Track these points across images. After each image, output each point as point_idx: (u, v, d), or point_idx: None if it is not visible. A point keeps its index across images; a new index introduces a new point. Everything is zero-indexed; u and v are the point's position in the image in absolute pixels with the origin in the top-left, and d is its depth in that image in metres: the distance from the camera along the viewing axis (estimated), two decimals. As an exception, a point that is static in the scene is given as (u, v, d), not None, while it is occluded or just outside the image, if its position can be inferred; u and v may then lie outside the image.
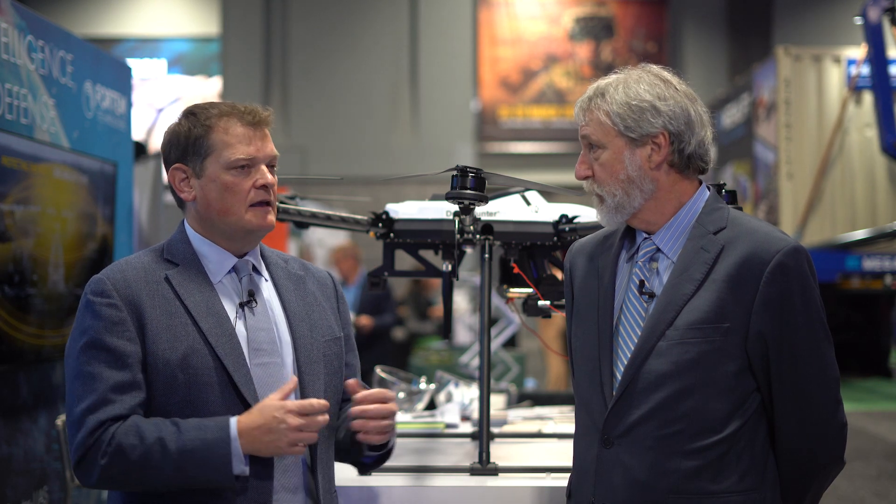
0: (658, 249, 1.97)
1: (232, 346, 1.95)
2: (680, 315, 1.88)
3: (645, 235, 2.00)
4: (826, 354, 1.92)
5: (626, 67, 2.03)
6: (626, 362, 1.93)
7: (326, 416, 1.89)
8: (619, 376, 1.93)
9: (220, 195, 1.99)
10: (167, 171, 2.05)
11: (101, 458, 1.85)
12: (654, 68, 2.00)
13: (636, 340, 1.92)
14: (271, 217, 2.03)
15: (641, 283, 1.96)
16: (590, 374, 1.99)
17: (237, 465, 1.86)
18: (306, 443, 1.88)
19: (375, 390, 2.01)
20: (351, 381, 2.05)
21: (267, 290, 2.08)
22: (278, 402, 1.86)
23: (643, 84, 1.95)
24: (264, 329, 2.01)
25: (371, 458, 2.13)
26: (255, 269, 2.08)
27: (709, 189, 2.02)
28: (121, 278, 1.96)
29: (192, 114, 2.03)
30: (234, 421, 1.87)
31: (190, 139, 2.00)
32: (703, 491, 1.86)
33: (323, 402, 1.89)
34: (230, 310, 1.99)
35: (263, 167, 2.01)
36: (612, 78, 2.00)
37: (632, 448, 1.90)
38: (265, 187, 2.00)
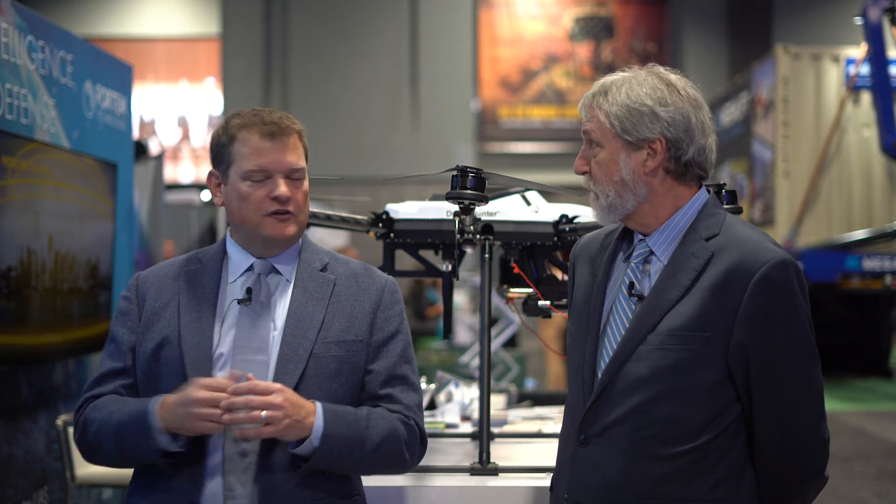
0: (651, 252, 1.96)
1: (201, 341, 1.98)
2: (663, 320, 1.87)
3: (640, 237, 1.99)
4: (809, 371, 1.89)
5: (635, 67, 2.00)
6: (607, 363, 1.93)
7: (237, 399, 1.85)
8: (599, 376, 1.93)
9: (238, 204, 2.04)
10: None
11: (76, 434, 2.04)
12: (661, 71, 1.97)
13: (619, 342, 1.92)
14: (290, 228, 2.03)
15: (631, 284, 1.95)
16: (575, 372, 2.00)
17: (161, 438, 1.90)
18: (214, 420, 1.86)
19: (245, 383, 1.89)
20: (234, 372, 1.93)
21: (280, 290, 2.08)
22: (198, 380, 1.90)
23: (646, 87, 1.93)
24: (259, 327, 2.02)
25: (298, 454, 1.98)
26: (276, 270, 2.08)
27: (709, 191, 2.00)
28: (146, 273, 2.12)
29: (226, 120, 2.10)
30: (161, 396, 1.94)
31: (218, 146, 2.08)
32: (673, 497, 1.85)
33: (248, 384, 1.87)
34: (226, 307, 2.02)
35: (280, 179, 2.02)
36: (618, 76, 1.98)
37: (606, 448, 1.90)
38: (278, 199, 2.01)
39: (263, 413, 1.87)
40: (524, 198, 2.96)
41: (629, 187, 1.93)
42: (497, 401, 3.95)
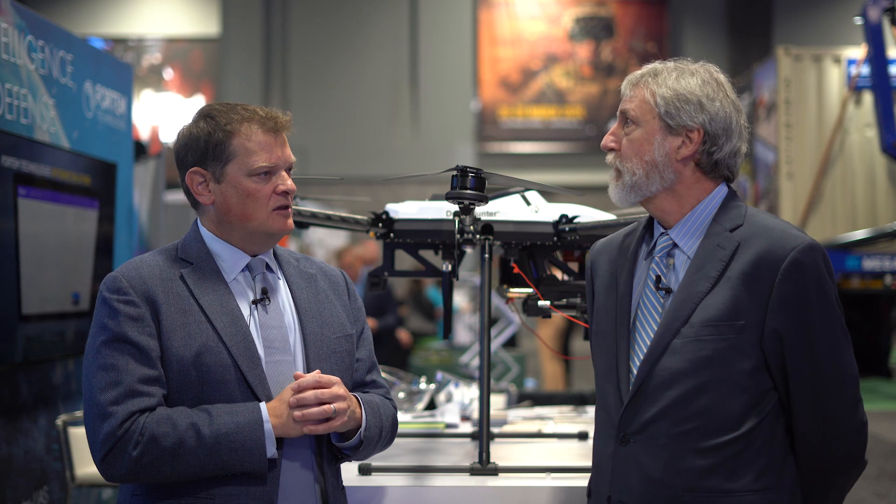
0: (675, 245, 1.97)
1: (246, 344, 1.96)
2: (695, 312, 1.88)
3: (662, 230, 2.00)
4: (844, 352, 1.90)
5: (686, 59, 2.02)
6: (641, 359, 1.93)
7: (307, 394, 1.92)
8: (635, 373, 1.93)
9: (241, 201, 2.00)
10: (183, 173, 2.05)
11: (132, 449, 1.85)
12: (712, 67, 2.01)
13: (652, 337, 1.92)
14: (290, 221, 2.05)
15: (658, 278, 1.96)
16: (607, 371, 1.99)
17: (269, 447, 1.91)
18: (323, 417, 1.93)
19: (309, 375, 1.96)
20: (296, 374, 1.99)
21: (280, 287, 2.09)
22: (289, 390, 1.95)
23: (697, 79, 1.96)
24: (276, 327, 2.02)
25: (346, 448, 2.07)
26: (269, 268, 2.09)
27: (729, 186, 2.02)
28: (136, 275, 1.96)
29: (210, 117, 2.02)
30: (263, 404, 1.92)
31: (210, 143, 1.99)
32: (718, 489, 1.85)
33: (313, 378, 1.94)
34: (244, 308, 2.01)
35: (283, 172, 2.03)
36: (670, 63, 2.00)
37: (647, 445, 1.90)
38: (285, 193, 2.02)
39: (334, 406, 1.93)
40: (524, 198, 2.96)
41: (658, 170, 1.95)
42: (497, 401, 3.94)
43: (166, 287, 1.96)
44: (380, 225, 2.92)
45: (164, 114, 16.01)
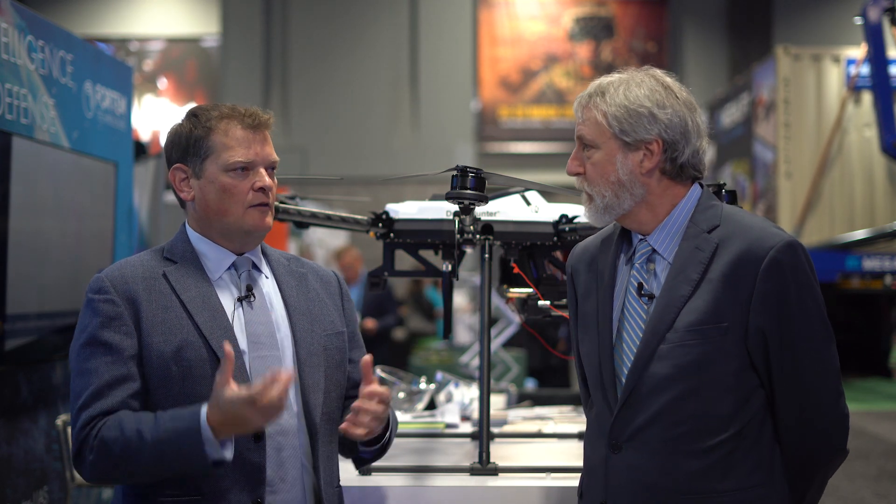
0: (654, 251, 1.98)
1: (227, 339, 1.96)
2: (679, 317, 1.89)
3: (640, 237, 2.00)
4: (825, 347, 1.93)
5: (630, 68, 2.01)
6: (629, 366, 1.93)
7: (278, 389, 1.81)
8: (622, 381, 1.94)
9: (218, 196, 2.02)
10: (169, 170, 2.08)
11: (88, 454, 1.89)
12: (658, 73, 1.99)
13: (638, 344, 1.93)
14: (269, 219, 2.06)
15: (640, 285, 1.96)
16: (594, 379, 2.00)
17: (212, 451, 1.84)
18: (275, 416, 1.86)
19: (380, 390, 1.98)
20: (366, 359, 2.00)
21: (267, 285, 2.10)
22: (234, 397, 1.80)
23: (644, 89, 1.94)
24: (262, 323, 2.03)
25: (368, 452, 2.13)
26: (255, 266, 2.10)
27: (701, 186, 2.02)
28: (118, 275, 2.00)
29: (194, 115, 2.06)
30: (204, 408, 1.85)
31: (191, 140, 2.03)
32: (712, 490, 1.87)
33: (270, 375, 1.83)
34: (228, 304, 2.02)
35: (262, 170, 2.04)
36: (614, 77, 1.99)
37: (639, 451, 1.91)
38: (262, 190, 2.02)
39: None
40: (524, 198, 2.96)
41: (626, 188, 1.95)
42: (497, 401, 3.95)
43: (148, 285, 1.99)
44: (380, 225, 2.92)
45: (164, 116, 16.00)
